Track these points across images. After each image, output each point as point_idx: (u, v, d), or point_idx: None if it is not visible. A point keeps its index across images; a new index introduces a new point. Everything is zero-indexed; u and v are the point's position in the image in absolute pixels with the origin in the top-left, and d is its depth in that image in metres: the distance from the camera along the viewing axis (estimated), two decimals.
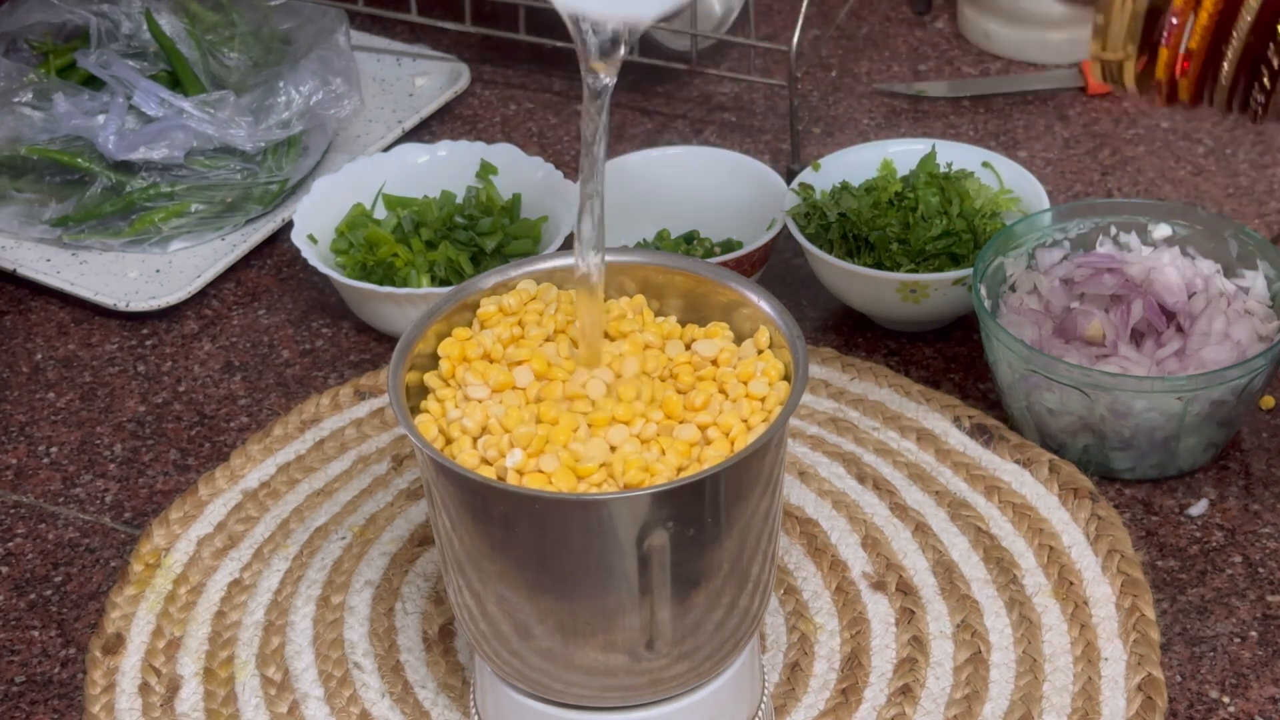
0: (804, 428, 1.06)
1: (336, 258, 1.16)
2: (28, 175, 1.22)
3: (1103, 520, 0.99)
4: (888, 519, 1.01)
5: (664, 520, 0.74)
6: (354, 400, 1.10)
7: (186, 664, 0.95)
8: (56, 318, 1.20)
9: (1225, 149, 1.29)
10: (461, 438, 0.78)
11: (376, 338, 1.16)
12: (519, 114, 1.37)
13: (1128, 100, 1.35)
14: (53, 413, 1.12)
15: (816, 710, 0.91)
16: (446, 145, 1.22)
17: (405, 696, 0.92)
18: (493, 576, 0.78)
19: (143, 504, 1.05)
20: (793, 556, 0.99)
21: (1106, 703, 0.90)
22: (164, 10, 1.28)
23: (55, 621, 0.98)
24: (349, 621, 0.96)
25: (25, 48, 1.29)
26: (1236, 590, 0.96)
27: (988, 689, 0.91)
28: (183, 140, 1.20)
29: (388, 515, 1.02)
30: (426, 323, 0.82)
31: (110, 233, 1.21)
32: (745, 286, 0.84)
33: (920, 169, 1.16)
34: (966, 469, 1.03)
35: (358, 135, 1.32)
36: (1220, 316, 1.02)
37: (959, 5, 1.43)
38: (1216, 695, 0.91)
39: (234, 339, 1.17)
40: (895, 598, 0.96)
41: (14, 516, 1.05)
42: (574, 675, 0.80)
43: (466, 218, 1.17)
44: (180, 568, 1.00)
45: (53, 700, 0.94)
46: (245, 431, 1.10)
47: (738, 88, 1.39)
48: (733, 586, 0.79)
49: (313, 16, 1.30)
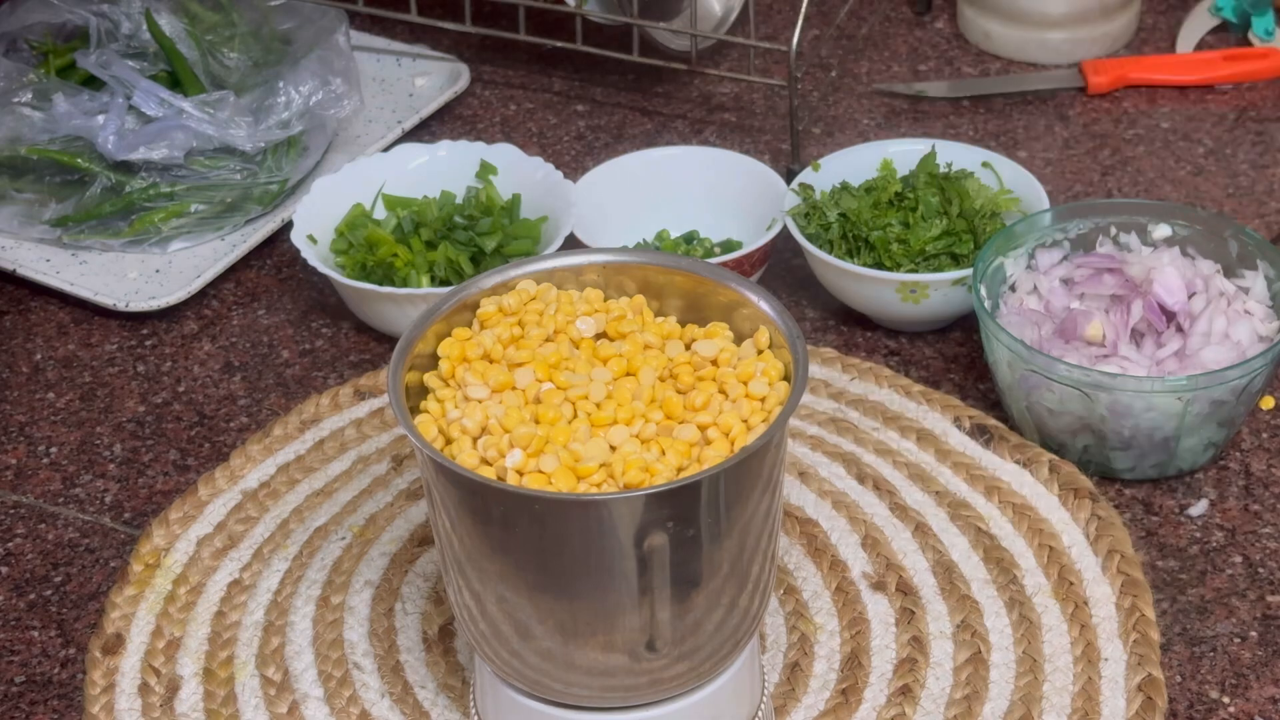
0: (804, 428, 1.06)
1: (336, 258, 1.16)
2: (28, 175, 1.22)
3: (1103, 520, 0.99)
4: (888, 519, 1.01)
5: (664, 520, 0.74)
6: (354, 400, 1.10)
7: (186, 664, 0.95)
8: (56, 318, 1.20)
9: (1225, 149, 1.29)
10: (461, 438, 0.78)
11: (376, 338, 1.16)
12: (519, 114, 1.37)
13: (1127, 100, 1.35)
14: (53, 413, 1.12)
15: (816, 710, 0.91)
16: (446, 145, 1.22)
17: (405, 697, 0.92)
18: (493, 576, 0.78)
19: (142, 504, 1.05)
20: (793, 556, 0.99)
21: (1106, 703, 0.90)
22: (164, 10, 1.28)
23: (55, 621, 0.98)
24: (349, 622, 0.96)
25: (25, 48, 1.29)
26: (1236, 590, 0.96)
27: (988, 689, 0.91)
28: (183, 140, 1.20)
29: (388, 515, 1.02)
30: (426, 323, 0.82)
31: (110, 233, 1.21)
32: (745, 286, 0.84)
33: (920, 169, 1.16)
34: (966, 469, 1.03)
35: (358, 135, 1.32)
36: (1220, 317, 1.02)
37: (959, 5, 1.43)
38: (1216, 695, 0.91)
39: (234, 339, 1.17)
40: (895, 598, 0.96)
41: (14, 516, 1.05)
42: (574, 675, 0.80)
43: (466, 218, 1.17)
44: (180, 568, 1.00)
45: (52, 700, 0.94)
46: (245, 431, 1.10)
47: (738, 88, 1.39)
48: (733, 586, 0.79)
49: (313, 16, 1.30)
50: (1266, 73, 1.35)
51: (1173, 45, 1.40)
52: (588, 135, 1.34)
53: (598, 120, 1.36)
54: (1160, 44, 1.41)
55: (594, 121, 1.36)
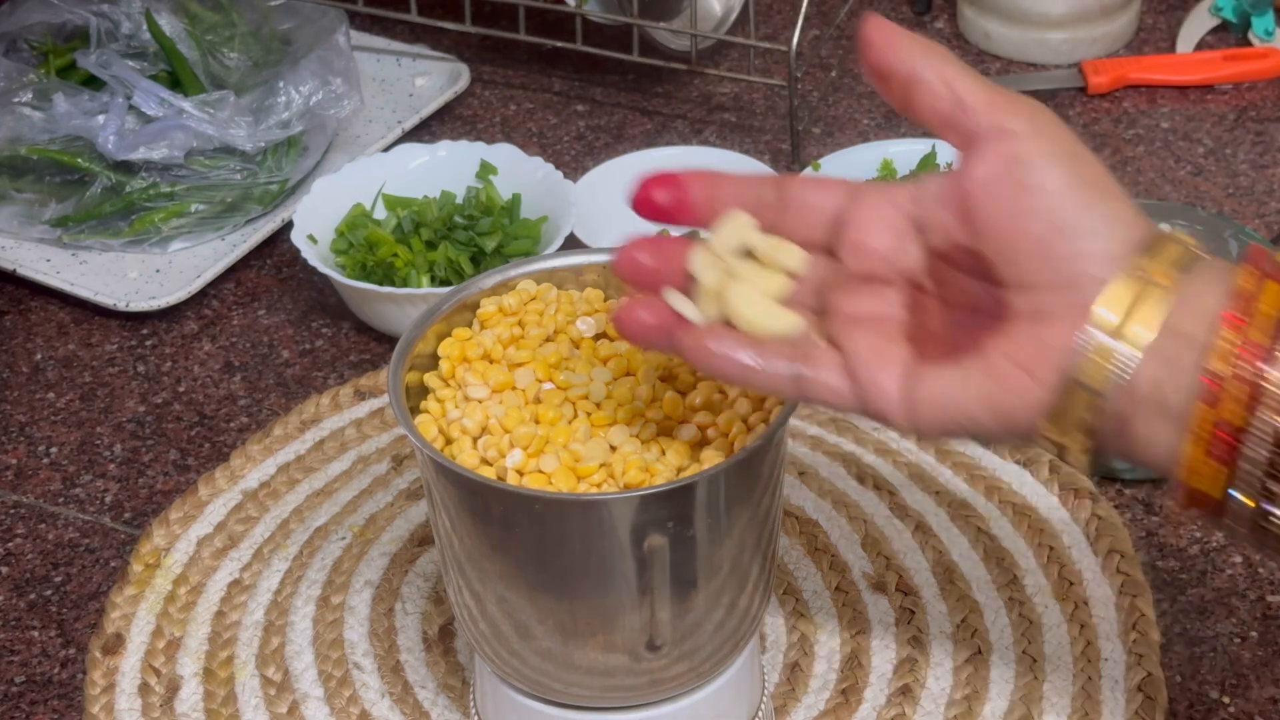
0: (804, 428, 1.06)
1: (336, 258, 1.16)
2: (28, 175, 1.22)
3: (1103, 520, 0.99)
4: (888, 519, 1.01)
5: (664, 520, 0.74)
6: (354, 400, 1.10)
7: (186, 664, 0.95)
8: (56, 318, 1.20)
9: (1225, 149, 1.29)
10: (461, 438, 0.78)
11: (376, 338, 1.16)
12: (519, 114, 1.37)
13: (1127, 100, 1.35)
14: (53, 413, 1.12)
15: (816, 710, 0.91)
16: (446, 145, 1.23)
17: (405, 697, 0.92)
18: (493, 577, 0.78)
19: (142, 504, 1.05)
20: (793, 556, 0.99)
21: (1106, 703, 0.90)
22: (164, 10, 1.28)
23: (55, 622, 0.98)
24: (349, 622, 0.96)
25: (25, 48, 1.29)
26: (1236, 590, 0.96)
27: (988, 689, 0.91)
28: (183, 140, 1.20)
29: (388, 515, 1.02)
30: (426, 323, 0.82)
31: (110, 233, 1.21)
32: None
33: (920, 169, 1.16)
34: (966, 469, 1.03)
35: (358, 135, 1.32)
36: None
37: (959, 5, 1.43)
38: (1216, 695, 0.91)
39: (234, 339, 1.17)
40: (895, 598, 0.96)
41: (14, 516, 1.05)
42: (574, 675, 0.80)
43: (466, 218, 1.17)
44: (180, 568, 1.00)
45: (52, 700, 0.94)
46: (245, 432, 1.10)
47: (738, 88, 1.39)
48: (733, 587, 0.79)
49: (313, 16, 1.30)
50: (1266, 73, 1.36)
51: (1173, 45, 1.40)
52: (588, 135, 1.34)
53: (598, 120, 1.36)
54: (1160, 44, 1.41)
55: (594, 121, 1.36)
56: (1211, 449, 0.65)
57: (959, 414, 0.68)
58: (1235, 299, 0.64)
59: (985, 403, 0.67)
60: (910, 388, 0.69)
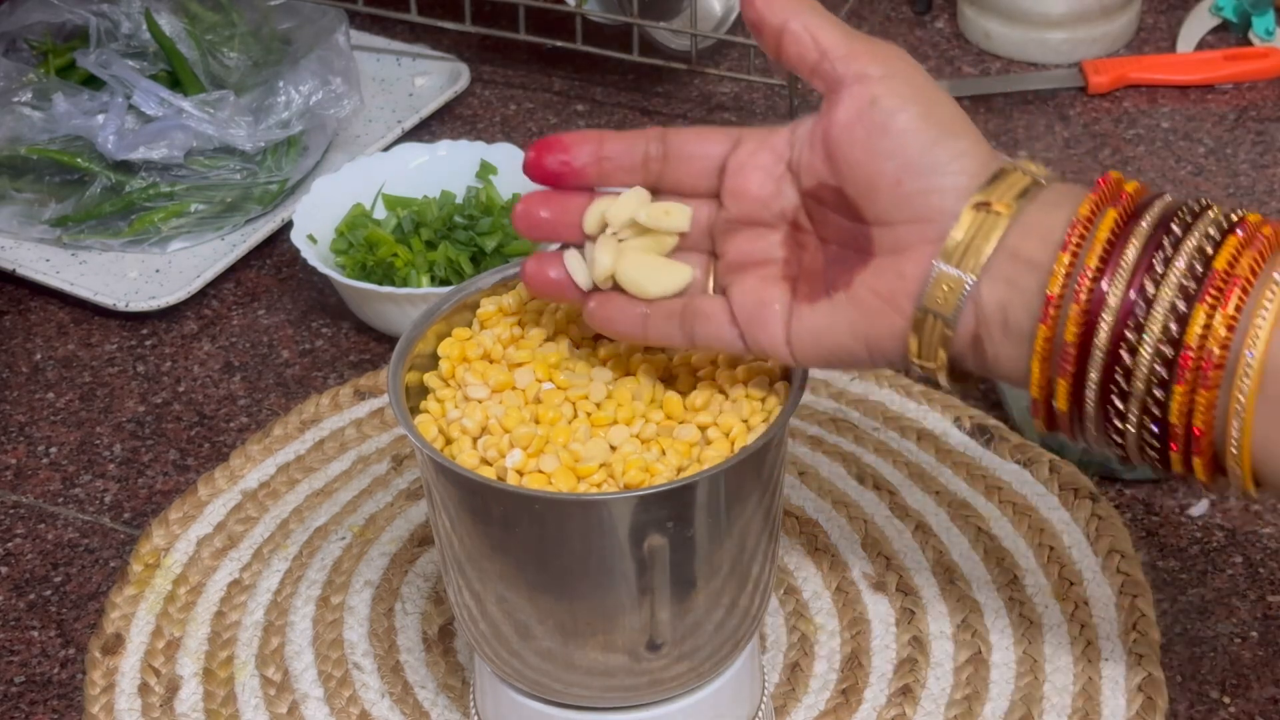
0: (804, 428, 1.06)
1: (336, 258, 1.16)
2: (27, 175, 1.22)
3: (1103, 520, 0.99)
4: (888, 519, 1.00)
5: (664, 520, 0.74)
6: (354, 400, 1.10)
7: (186, 664, 0.95)
8: (56, 318, 1.20)
9: (1225, 149, 1.29)
10: (461, 438, 0.78)
11: (376, 338, 1.16)
12: (519, 114, 1.37)
13: (1128, 100, 1.35)
14: (52, 413, 1.12)
15: (816, 710, 0.91)
16: (446, 145, 1.22)
17: (405, 697, 0.92)
18: (492, 577, 0.78)
19: (142, 504, 1.05)
20: (793, 556, 0.99)
21: (1106, 703, 0.90)
22: (164, 10, 1.28)
23: (55, 622, 0.98)
24: (349, 622, 0.96)
25: (25, 48, 1.29)
26: (1237, 590, 0.96)
27: (988, 689, 0.91)
28: (182, 140, 1.20)
29: (388, 515, 1.02)
30: (426, 323, 0.82)
31: (110, 233, 1.21)
32: None
33: None
34: (967, 469, 1.03)
35: (358, 135, 1.32)
36: None
37: (959, 5, 1.43)
38: (1216, 695, 0.91)
39: (234, 339, 1.17)
40: (895, 598, 0.96)
41: (14, 516, 1.05)
42: (574, 675, 0.80)
43: (466, 218, 1.17)
44: (180, 568, 1.00)
45: (52, 700, 0.94)
46: (245, 432, 1.10)
47: (738, 88, 1.39)
48: (733, 587, 0.79)
49: (313, 16, 1.30)
50: (1266, 73, 1.35)
51: (1173, 45, 1.40)
52: None
53: (598, 120, 1.36)
54: (1160, 44, 1.41)
55: (594, 121, 1.35)
56: (1056, 366, 0.69)
57: (834, 346, 0.74)
58: (1075, 225, 0.69)
59: (855, 334, 0.73)
60: (790, 325, 0.74)
